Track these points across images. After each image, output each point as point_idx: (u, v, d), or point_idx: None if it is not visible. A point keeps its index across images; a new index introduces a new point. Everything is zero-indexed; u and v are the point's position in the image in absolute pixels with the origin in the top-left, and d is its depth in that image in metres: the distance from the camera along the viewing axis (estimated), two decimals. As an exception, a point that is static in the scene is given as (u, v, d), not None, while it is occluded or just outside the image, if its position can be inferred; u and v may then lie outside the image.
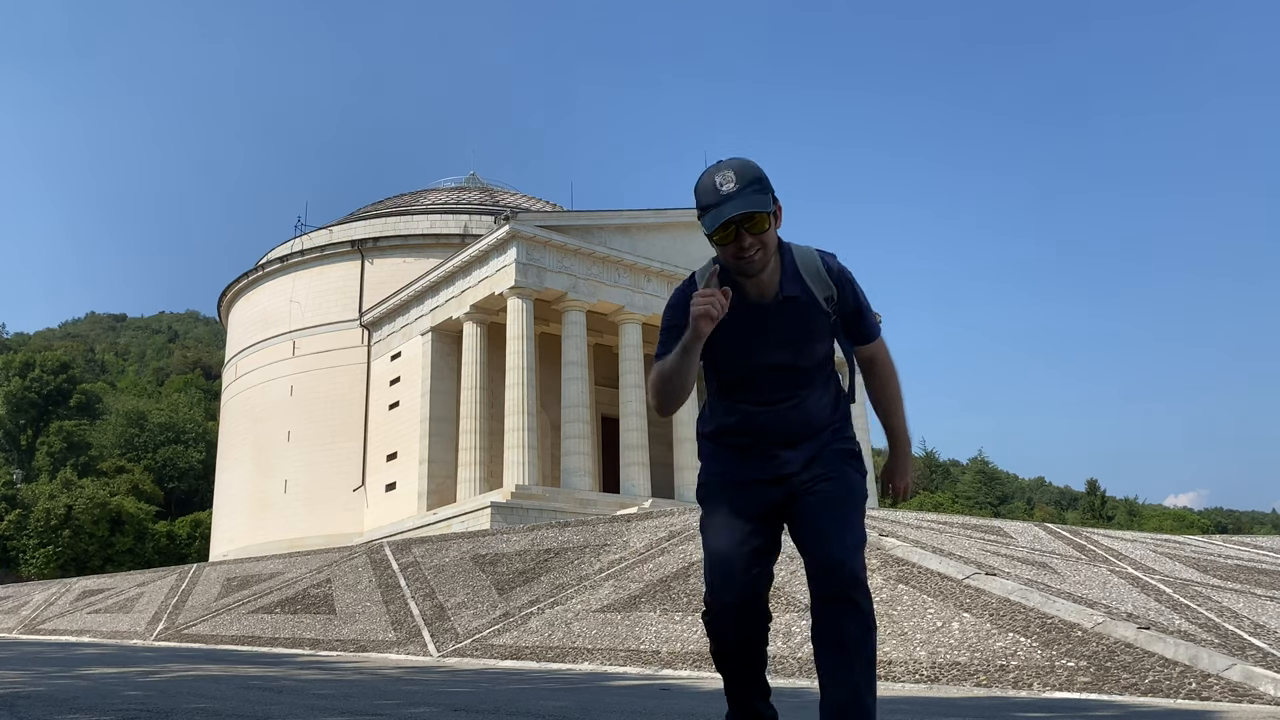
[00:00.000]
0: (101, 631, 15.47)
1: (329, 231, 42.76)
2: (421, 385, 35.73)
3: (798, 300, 2.80)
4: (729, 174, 2.67)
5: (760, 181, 2.68)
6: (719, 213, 2.65)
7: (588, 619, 8.98)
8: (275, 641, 11.65)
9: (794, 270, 2.81)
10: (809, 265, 2.84)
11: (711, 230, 2.69)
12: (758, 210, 2.65)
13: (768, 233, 2.71)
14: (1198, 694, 5.02)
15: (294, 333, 40.42)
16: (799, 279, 2.81)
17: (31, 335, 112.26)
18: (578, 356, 32.54)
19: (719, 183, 2.67)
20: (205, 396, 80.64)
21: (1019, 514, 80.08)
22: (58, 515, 47.80)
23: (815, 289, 2.82)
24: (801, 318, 2.81)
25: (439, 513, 31.18)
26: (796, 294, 2.79)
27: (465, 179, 50.94)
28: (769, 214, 2.69)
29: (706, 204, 2.70)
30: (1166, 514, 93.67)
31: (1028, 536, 11.24)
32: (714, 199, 2.67)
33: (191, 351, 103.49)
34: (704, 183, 2.71)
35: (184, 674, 6.75)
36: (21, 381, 70.65)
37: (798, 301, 2.80)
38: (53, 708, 3.97)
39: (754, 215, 2.66)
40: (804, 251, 2.87)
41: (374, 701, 4.74)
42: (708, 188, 2.69)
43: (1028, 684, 5.59)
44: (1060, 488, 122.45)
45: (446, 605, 10.86)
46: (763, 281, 2.78)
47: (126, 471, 62.37)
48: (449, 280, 35.34)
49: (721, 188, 2.66)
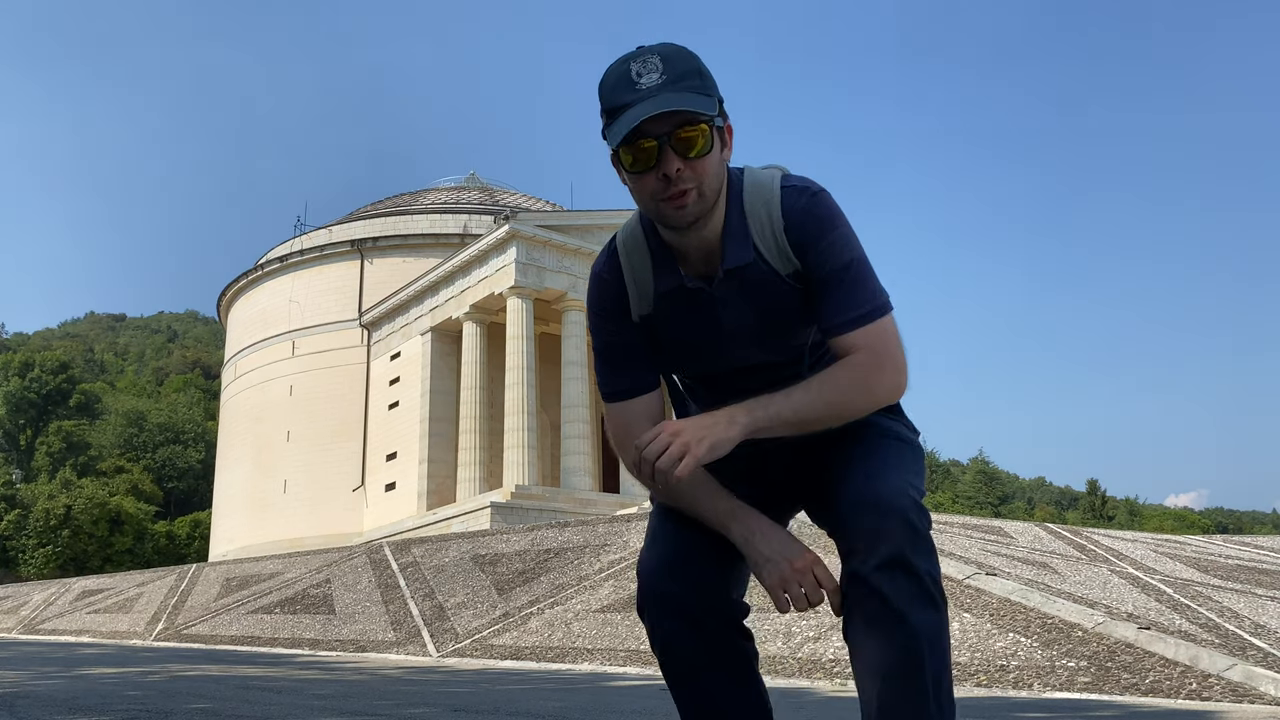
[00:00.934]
0: (101, 632, 15.47)
1: (328, 231, 42.77)
2: (421, 385, 35.73)
3: (746, 274, 1.83)
4: (654, 61, 1.70)
5: (700, 76, 1.72)
6: (631, 114, 1.68)
7: (588, 619, 8.97)
8: (275, 642, 11.64)
9: (741, 226, 1.83)
10: (760, 218, 1.83)
11: (617, 144, 1.72)
12: (692, 111, 1.68)
13: (708, 157, 1.73)
14: (1198, 694, 5.02)
15: (293, 332, 40.42)
16: (746, 239, 1.82)
17: (31, 335, 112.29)
18: (578, 356, 32.54)
19: (636, 73, 1.70)
20: (204, 396, 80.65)
21: (1019, 514, 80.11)
22: (57, 515, 47.79)
23: (771, 256, 1.83)
24: (758, 297, 1.85)
25: (438, 513, 31.18)
26: (743, 263, 1.82)
27: (465, 179, 50.93)
28: (711, 125, 1.72)
29: (614, 104, 1.71)
30: (1167, 514, 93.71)
31: (1028, 536, 11.25)
32: (627, 96, 1.69)
33: (191, 351, 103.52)
34: (612, 73, 1.73)
35: (183, 674, 6.75)
36: (21, 381, 70.66)
37: (747, 275, 1.83)
38: (52, 708, 3.96)
39: (685, 119, 1.69)
40: (758, 190, 1.85)
41: (373, 702, 4.74)
42: (619, 80, 1.71)
43: (1028, 684, 5.59)
44: (1061, 488, 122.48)
45: (446, 605, 10.85)
46: (705, 241, 1.82)
47: (126, 471, 62.41)
48: (448, 280, 35.34)
49: (640, 79, 1.69)
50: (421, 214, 42.29)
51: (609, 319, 1.93)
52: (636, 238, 1.92)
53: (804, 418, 1.75)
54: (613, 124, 1.71)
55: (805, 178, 1.89)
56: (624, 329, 1.94)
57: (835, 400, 1.77)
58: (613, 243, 1.96)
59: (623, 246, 1.93)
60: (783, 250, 1.83)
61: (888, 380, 1.80)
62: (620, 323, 1.93)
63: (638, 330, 1.94)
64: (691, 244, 1.84)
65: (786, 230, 1.82)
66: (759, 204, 1.84)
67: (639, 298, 1.92)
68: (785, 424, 1.74)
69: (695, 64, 1.73)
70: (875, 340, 1.80)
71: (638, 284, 1.92)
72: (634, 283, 1.92)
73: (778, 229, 1.82)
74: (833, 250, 1.81)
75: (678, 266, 1.87)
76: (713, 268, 1.85)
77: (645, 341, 1.95)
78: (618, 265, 1.93)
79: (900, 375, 1.82)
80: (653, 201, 1.76)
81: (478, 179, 51.05)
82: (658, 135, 1.70)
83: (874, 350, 1.79)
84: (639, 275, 1.91)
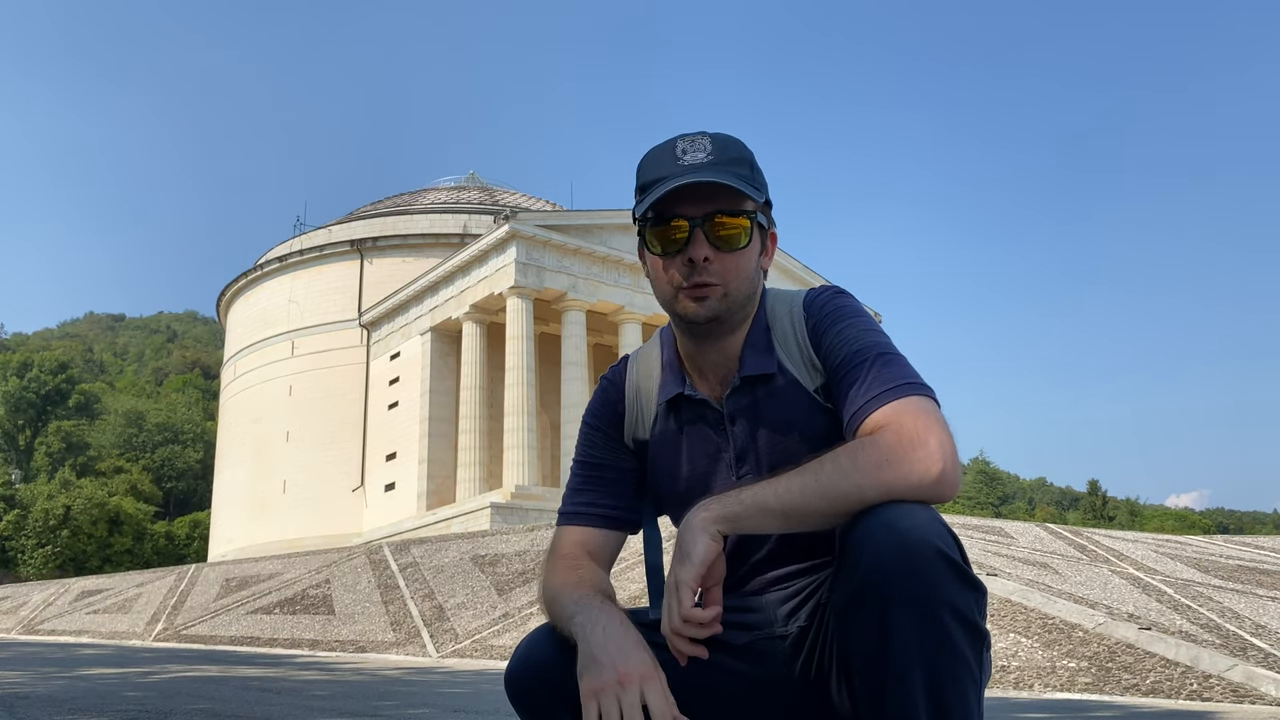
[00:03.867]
0: (100, 632, 15.45)
1: (328, 231, 42.77)
2: (421, 385, 35.73)
3: (765, 387, 1.59)
4: (702, 141, 1.55)
5: (751, 167, 1.57)
6: (667, 184, 1.51)
7: (587, 619, 8.96)
8: (274, 642, 11.63)
9: (764, 339, 1.62)
10: (783, 325, 1.62)
11: (645, 214, 1.55)
12: (734, 195, 1.53)
13: (743, 253, 1.55)
14: (1199, 695, 5.01)
15: (293, 332, 40.42)
16: (770, 351, 1.61)
17: (30, 335, 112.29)
18: (578, 356, 32.53)
19: (681, 150, 1.55)
20: (204, 396, 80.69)
21: (1020, 514, 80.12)
22: (56, 515, 47.79)
23: (795, 366, 1.60)
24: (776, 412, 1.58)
25: (438, 513, 31.18)
26: (763, 372, 1.59)
27: (465, 178, 50.94)
28: (753, 221, 1.55)
29: (651, 178, 1.55)
30: (1168, 514, 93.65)
31: (1029, 537, 11.24)
32: (666, 170, 1.53)
33: (190, 351, 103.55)
34: (655, 150, 1.58)
35: (183, 674, 6.74)
36: (20, 381, 70.62)
37: (765, 388, 1.59)
38: (52, 708, 3.95)
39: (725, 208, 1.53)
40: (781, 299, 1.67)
41: (373, 702, 4.73)
42: (661, 155, 1.56)
43: (1029, 684, 5.58)
44: (1061, 488, 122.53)
45: (446, 606, 10.84)
46: (724, 354, 1.62)
47: (125, 472, 62.42)
48: (448, 280, 35.33)
49: (684, 156, 1.54)
50: (421, 214, 42.30)
51: (599, 429, 1.73)
52: (652, 345, 1.75)
53: (793, 506, 1.37)
54: (641, 200, 1.56)
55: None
56: (613, 447, 1.72)
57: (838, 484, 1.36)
58: (626, 356, 1.81)
59: (635, 358, 1.77)
60: (808, 358, 1.59)
61: (918, 464, 1.35)
62: (609, 439, 1.72)
63: (627, 456, 1.71)
64: (709, 357, 1.63)
65: (807, 322, 1.61)
66: (783, 312, 1.64)
67: (638, 415, 1.70)
68: (769, 514, 1.38)
69: (747, 153, 1.58)
70: (905, 416, 1.41)
71: (641, 395, 1.71)
72: (637, 394, 1.72)
73: (800, 330, 1.61)
74: (852, 333, 1.55)
75: (684, 375, 1.66)
76: (728, 387, 1.62)
77: (632, 473, 1.71)
78: (623, 377, 1.75)
79: (935, 461, 1.35)
80: (671, 290, 1.57)
81: (478, 179, 51.06)
82: (692, 218, 1.53)
83: (900, 428, 1.39)
84: (644, 385, 1.71)
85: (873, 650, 1.29)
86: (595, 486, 1.70)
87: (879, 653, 1.29)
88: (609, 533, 1.69)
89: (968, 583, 1.30)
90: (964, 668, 1.29)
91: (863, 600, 1.30)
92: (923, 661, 1.27)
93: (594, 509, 1.69)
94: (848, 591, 1.33)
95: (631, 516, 1.71)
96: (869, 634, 1.29)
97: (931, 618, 1.27)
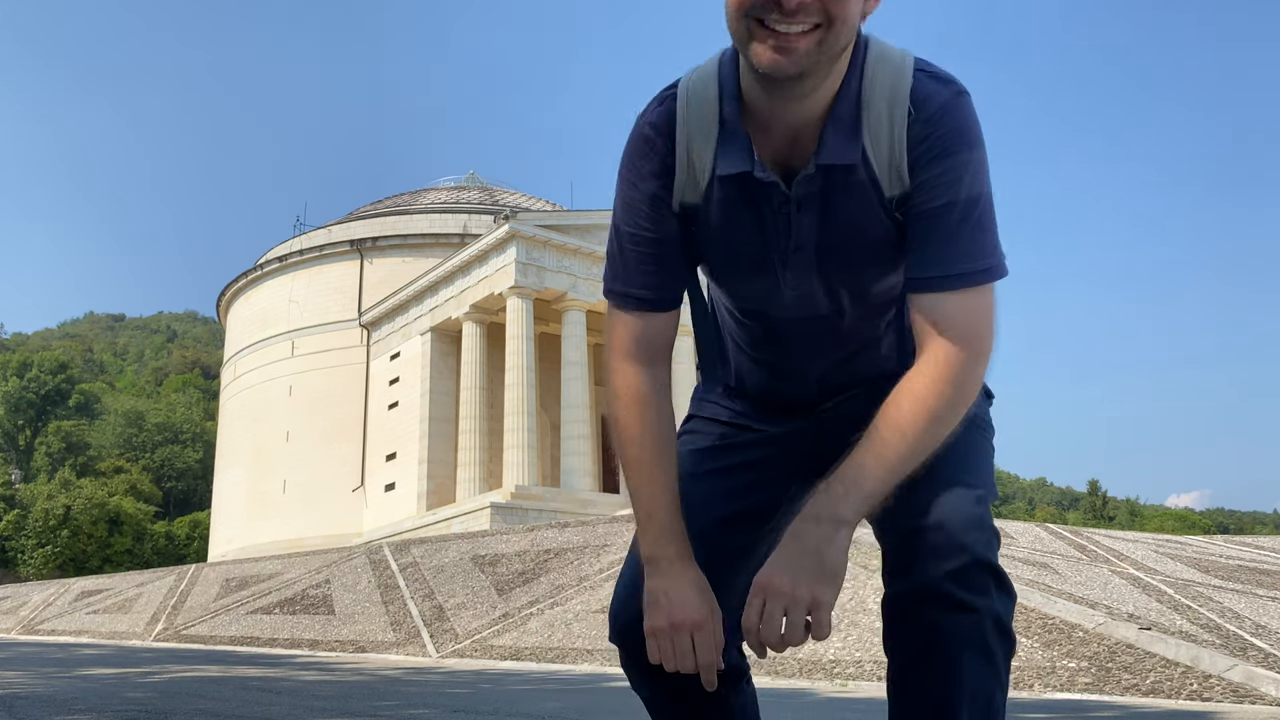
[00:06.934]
0: (100, 632, 15.45)
1: (328, 231, 42.77)
2: (421, 385, 35.73)
3: (840, 179, 1.37)
4: None
5: None
6: None
7: (588, 620, 8.96)
8: (274, 642, 11.63)
9: (852, 114, 1.35)
10: (879, 109, 1.35)
11: None
12: None
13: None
14: (1199, 695, 5.01)
15: (293, 332, 40.42)
16: (855, 133, 1.35)
17: (30, 335, 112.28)
18: (578, 356, 32.54)
19: None
20: (204, 396, 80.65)
21: (1020, 514, 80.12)
22: (56, 515, 47.77)
23: (879, 165, 1.36)
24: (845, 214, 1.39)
25: (438, 513, 31.19)
26: (843, 163, 1.35)
27: (464, 178, 50.92)
28: None
29: None
30: (1168, 514, 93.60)
31: (1029, 537, 11.24)
32: None
33: (190, 351, 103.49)
34: None
35: (183, 675, 6.74)
36: (19, 381, 70.63)
37: (840, 181, 1.37)
38: (52, 709, 3.95)
39: None
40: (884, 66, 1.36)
41: (373, 703, 4.73)
42: None
43: (1029, 685, 5.58)
44: (1062, 488, 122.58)
45: (446, 606, 10.85)
46: (802, 115, 1.35)
47: (125, 472, 62.40)
48: (448, 280, 35.34)
49: None
50: (421, 214, 42.29)
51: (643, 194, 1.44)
52: (707, 93, 1.40)
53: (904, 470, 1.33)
54: None
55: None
56: (663, 214, 1.45)
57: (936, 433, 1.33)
58: (671, 90, 1.44)
59: (685, 98, 1.42)
60: (895, 161, 1.35)
61: (978, 383, 1.38)
62: (656, 205, 1.45)
63: (674, 222, 1.47)
64: (782, 114, 1.35)
65: (910, 127, 1.33)
66: (883, 86, 1.34)
67: (689, 178, 1.43)
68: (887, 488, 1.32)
69: None
70: (973, 318, 1.34)
71: (692, 157, 1.42)
72: (687, 154, 1.42)
73: (899, 127, 1.34)
74: (960, 174, 1.33)
75: (751, 147, 1.38)
76: (798, 159, 1.37)
77: (680, 242, 1.48)
78: (672, 125, 1.42)
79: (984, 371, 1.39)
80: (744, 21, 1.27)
81: (477, 179, 51.04)
82: None
83: (968, 338, 1.34)
84: (696, 146, 1.41)
85: (920, 650, 1.35)
86: (647, 263, 1.48)
87: (926, 652, 1.34)
88: (667, 315, 1.52)
89: (1005, 590, 1.38)
90: (995, 674, 1.36)
91: (917, 600, 1.34)
92: (969, 670, 1.33)
93: (647, 291, 1.50)
94: (902, 589, 1.37)
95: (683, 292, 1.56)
96: (920, 634, 1.34)
97: (977, 626, 1.33)
